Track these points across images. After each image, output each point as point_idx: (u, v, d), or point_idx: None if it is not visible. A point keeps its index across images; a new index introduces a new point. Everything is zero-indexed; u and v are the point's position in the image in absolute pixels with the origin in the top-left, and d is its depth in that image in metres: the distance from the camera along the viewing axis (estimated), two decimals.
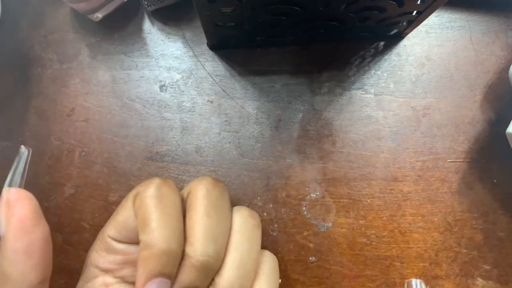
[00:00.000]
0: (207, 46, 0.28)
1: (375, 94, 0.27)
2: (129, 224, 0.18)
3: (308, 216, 0.26)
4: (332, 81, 0.28)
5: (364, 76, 0.28)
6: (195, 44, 0.28)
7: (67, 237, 0.26)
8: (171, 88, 0.28)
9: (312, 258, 0.25)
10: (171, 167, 0.27)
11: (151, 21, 0.29)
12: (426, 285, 0.24)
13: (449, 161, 0.27)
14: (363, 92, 0.28)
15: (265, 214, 0.26)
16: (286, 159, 0.27)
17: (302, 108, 0.27)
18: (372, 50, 0.28)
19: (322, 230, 0.26)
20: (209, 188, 0.18)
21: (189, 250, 0.17)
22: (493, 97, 0.27)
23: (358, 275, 0.25)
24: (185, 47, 0.28)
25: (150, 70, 0.28)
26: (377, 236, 0.25)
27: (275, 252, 0.25)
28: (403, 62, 0.28)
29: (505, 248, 0.26)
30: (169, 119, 0.27)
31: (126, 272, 0.19)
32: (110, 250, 0.18)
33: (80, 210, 0.26)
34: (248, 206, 0.26)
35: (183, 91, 0.28)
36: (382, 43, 0.28)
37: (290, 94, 0.28)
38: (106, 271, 0.19)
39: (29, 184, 0.24)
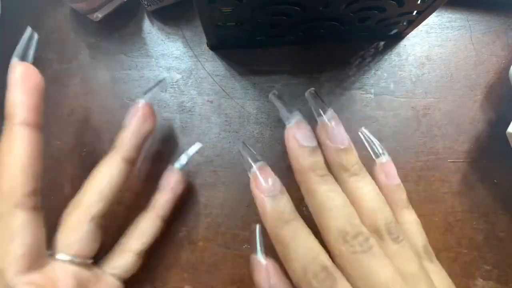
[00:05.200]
0: (207, 46, 0.28)
1: (375, 94, 0.27)
2: None
3: (309, 216, 0.26)
4: (332, 81, 0.28)
5: (364, 76, 0.28)
6: (195, 44, 0.28)
7: None
8: (171, 88, 0.28)
9: None
10: None
11: (151, 21, 0.29)
12: None
13: (449, 161, 0.27)
14: (363, 92, 0.28)
15: None
16: (286, 159, 0.27)
17: (302, 108, 0.27)
18: (372, 50, 0.28)
19: None
20: None
21: None
22: (494, 97, 0.27)
23: None
24: (185, 47, 0.28)
25: (150, 70, 0.28)
26: None
27: (274, 252, 0.25)
28: (403, 62, 0.28)
29: (505, 248, 0.26)
30: (169, 119, 0.27)
31: None
32: None
33: None
34: (248, 206, 0.26)
35: (183, 91, 0.28)
36: (382, 43, 0.28)
37: (290, 94, 0.28)
38: None
39: None
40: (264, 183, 0.20)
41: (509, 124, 0.24)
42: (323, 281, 0.17)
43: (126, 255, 0.22)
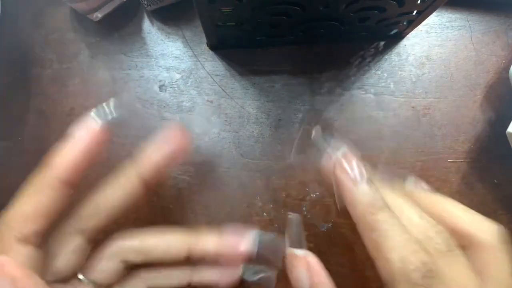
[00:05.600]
0: (207, 46, 0.28)
1: (375, 94, 0.27)
2: None
3: (308, 216, 0.26)
4: (332, 81, 0.28)
5: (364, 76, 0.28)
6: (195, 44, 0.28)
7: None
8: (170, 88, 0.28)
9: None
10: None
11: (151, 21, 0.29)
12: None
13: (449, 161, 0.27)
14: (363, 92, 0.28)
15: (265, 214, 0.26)
16: (286, 159, 0.27)
17: (302, 108, 0.27)
18: (372, 50, 0.28)
19: (322, 230, 0.26)
20: None
21: None
22: (494, 97, 0.27)
23: (359, 276, 0.25)
24: (185, 47, 0.28)
25: (150, 70, 0.28)
26: None
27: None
28: (403, 62, 0.28)
29: None
30: (169, 119, 0.27)
31: None
32: None
33: None
34: (247, 206, 0.26)
35: (182, 91, 0.28)
36: (382, 43, 0.28)
37: (290, 94, 0.28)
38: None
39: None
40: (354, 169, 0.18)
41: (509, 124, 0.24)
42: (424, 277, 0.16)
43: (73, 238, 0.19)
